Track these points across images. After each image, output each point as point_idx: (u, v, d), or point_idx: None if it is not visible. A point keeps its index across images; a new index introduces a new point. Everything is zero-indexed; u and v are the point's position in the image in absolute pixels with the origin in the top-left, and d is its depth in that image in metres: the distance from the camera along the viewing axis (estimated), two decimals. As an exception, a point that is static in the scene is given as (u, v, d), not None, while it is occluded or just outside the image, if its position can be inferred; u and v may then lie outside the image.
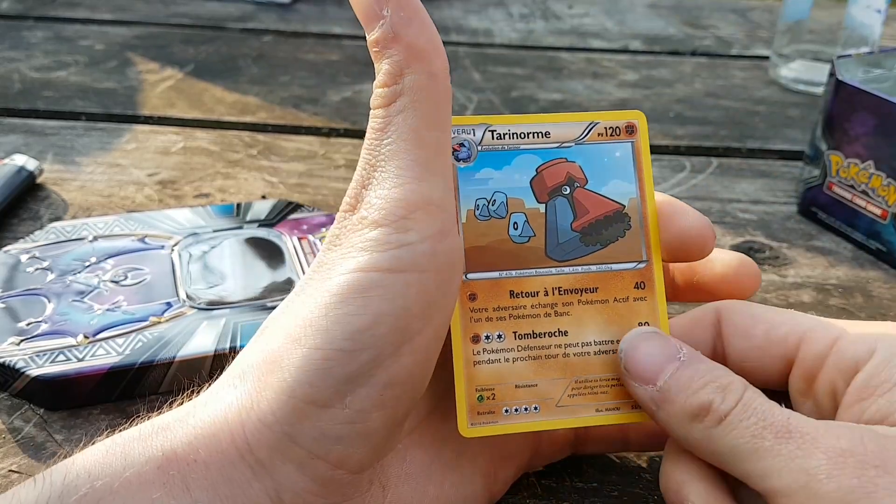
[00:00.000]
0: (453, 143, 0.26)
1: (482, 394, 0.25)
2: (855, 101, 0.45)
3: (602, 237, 0.26)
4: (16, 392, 0.33)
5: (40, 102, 0.61)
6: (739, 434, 0.21)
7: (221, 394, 0.22)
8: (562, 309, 0.26)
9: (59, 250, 0.40)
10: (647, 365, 0.24)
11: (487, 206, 0.26)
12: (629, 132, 0.26)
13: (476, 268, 0.25)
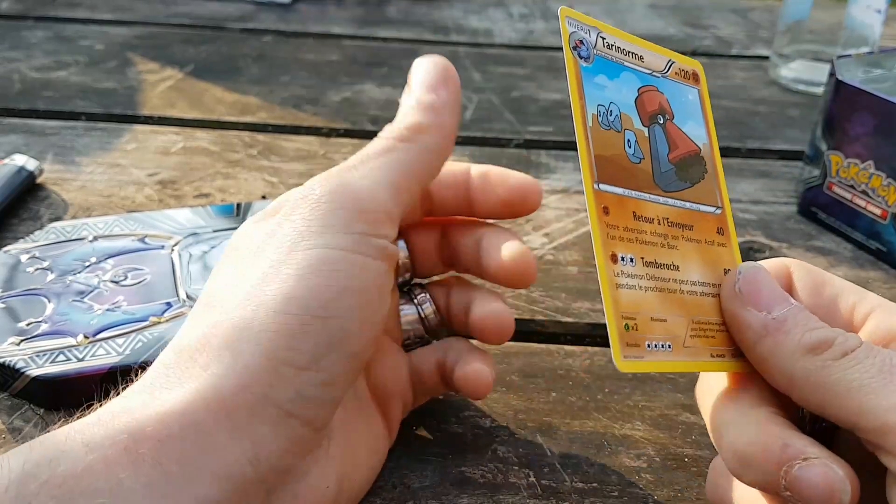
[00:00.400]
0: (575, 38, 0.24)
1: (627, 322, 0.23)
2: (855, 101, 0.45)
3: (690, 175, 0.25)
4: (16, 392, 0.33)
5: (40, 102, 0.61)
6: (865, 368, 0.21)
7: (184, 373, 0.23)
8: (672, 242, 0.24)
9: (59, 250, 0.40)
10: (767, 292, 0.24)
11: (607, 116, 0.24)
12: (695, 79, 0.26)
13: (605, 179, 0.23)
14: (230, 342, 0.23)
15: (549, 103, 0.64)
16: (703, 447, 0.34)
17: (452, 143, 0.29)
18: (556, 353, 0.38)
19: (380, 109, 0.62)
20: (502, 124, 0.61)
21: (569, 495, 0.31)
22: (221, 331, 0.23)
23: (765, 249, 0.47)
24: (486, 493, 0.30)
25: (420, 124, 0.28)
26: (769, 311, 0.23)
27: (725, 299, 0.25)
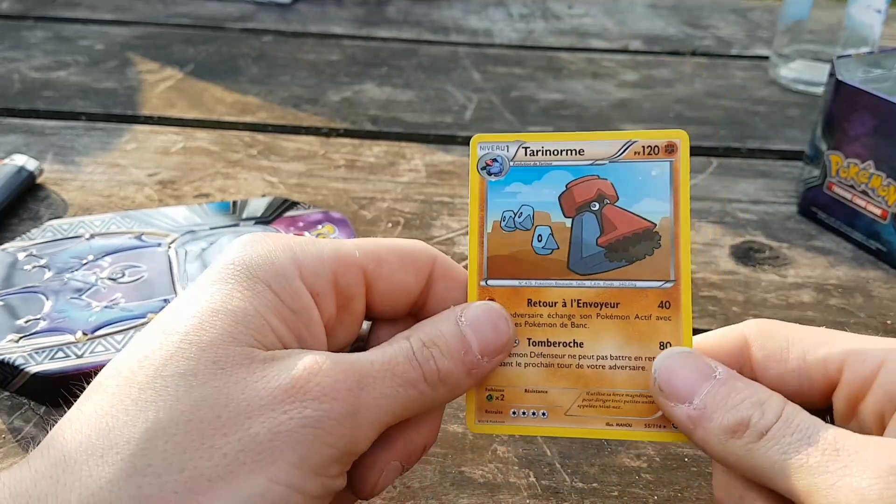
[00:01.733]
0: (487, 158, 0.26)
1: (491, 393, 0.26)
2: (855, 101, 0.45)
3: (629, 254, 0.26)
4: (15, 389, 0.33)
5: (40, 102, 0.61)
6: (782, 449, 0.21)
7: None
8: (579, 321, 0.26)
9: (57, 248, 0.40)
10: (683, 383, 0.24)
11: (513, 218, 0.26)
12: (669, 151, 0.26)
13: (496, 275, 0.26)
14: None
15: (548, 103, 0.64)
16: (702, 446, 0.33)
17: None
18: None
19: (379, 109, 0.62)
20: (502, 124, 0.61)
21: (569, 495, 0.30)
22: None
23: (765, 249, 0.47)
24: (486, 493, 0.30)
25: (451, 376, 0.24)
26: (690, 401, 0.23)
27: (653, 395, 0.25)
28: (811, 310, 0.42)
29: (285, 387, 0.21)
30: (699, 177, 0.54)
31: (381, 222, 0.48)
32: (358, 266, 0.24)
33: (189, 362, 0.20)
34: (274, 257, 0.23)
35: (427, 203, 0.50)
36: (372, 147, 0.56)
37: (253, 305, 0.22)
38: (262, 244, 0.23)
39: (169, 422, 0.19)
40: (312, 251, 0.24)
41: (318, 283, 0.23)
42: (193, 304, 0.22)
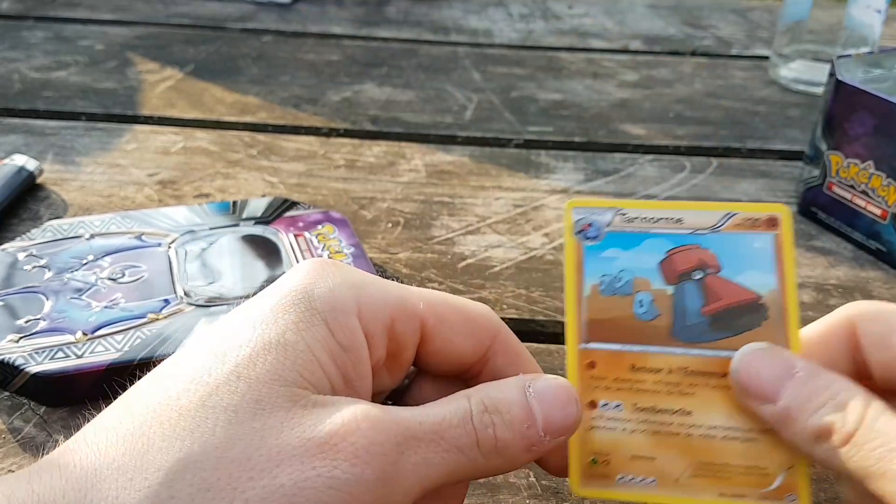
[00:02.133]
0: (582, 223, 0.27)
1: (596, 457, 0.26)
2: (855, 101, 0.45)
3: (735, 325, 0.25)
4: (15, 389, 0.33)
5: (40, 102, 0.61)
6: (865, 456, 0.21)
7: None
8: (686, 389, 0.25)
9: (57, 248, 0.40)
10: (765, 383, 0.23)
11: (612, 283, 0.26)
12: (770, 224, 0.26)
13: (596, 338, 0.26)
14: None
15: (548, 103, 0.64)
16: (702, 446, 0.33)
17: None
18: (556, 353, 0.38)
19: (379, 109, 0.62)
20: (502, 124, 0.61)
21: (568, 495, 0.30)
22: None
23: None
24: (486, 493, 0.30)
25: (509, 449, 0.22)
26: (775, 401, 0.23)
27: (735, 392, 0.24)
28: (811, 310, 0.42)
29: (319, 441, 0.20)
30: (699, 177, 0.54)
31: (381, 222, 0.48)
32: (418, 317, 0.24)
33: (233, 397, 0.20)
34: (336, 291, 0.22)
35: (427, 203, 0.50)
36: (372, 147, 0.56)
37: (304, 340, 0.21)
38: (329, 274, 0.23)
39: (201, 455, 0.19)
40: (376, 292, 0.23)
41: (374, 325, 0.23)
42: (249, 331, 0.21)
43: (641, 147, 0.58)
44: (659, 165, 0.56)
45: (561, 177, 0.54)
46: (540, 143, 0.58)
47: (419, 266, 0.44)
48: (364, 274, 0.24)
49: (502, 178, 0.53)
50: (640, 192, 0.52)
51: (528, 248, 0.46)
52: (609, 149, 0.58)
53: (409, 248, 0.46)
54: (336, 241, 0.42)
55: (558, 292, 0.42)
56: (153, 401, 0.21)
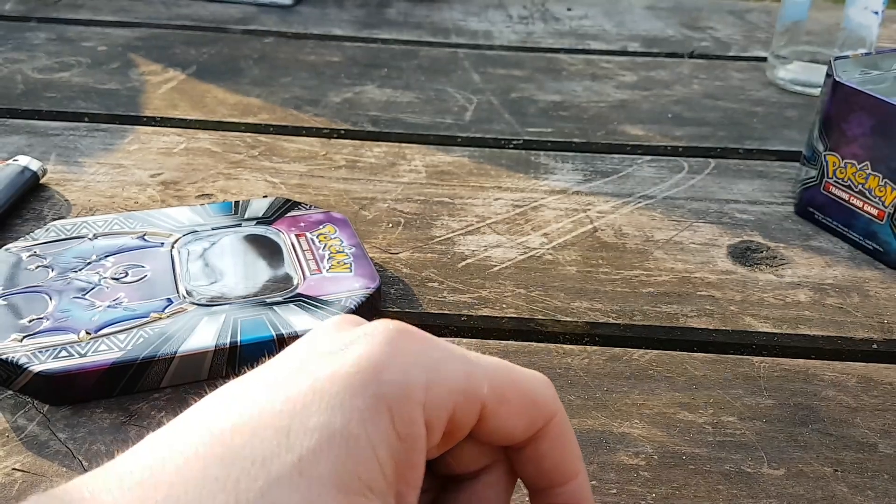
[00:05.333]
0: None
1: None
2: (852, 102, 0.45)
3: None
4: (18, 388, 0.34)
5: (43, 103, 0.62)
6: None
7: None
8: None
9: (60, 248, 0.40)
10: None
11: None
12: None
13: None
14: None
15: (547, 104, 0.65)
16: (700, 445, 0.34)
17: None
18: (555, 352, 0.38)
19: (380, 110, 0.63)
20: (501, 125, 0.61)
21: (566, 491, 0.31)
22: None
23: (762, 249, 0.47)
24: (484, 488, 0.31)
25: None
26: None
27: None
28: (808, 309, 0.42)
29: None
30: (697, 177, 0.55)
31: (382, 222, 0.48)
32: (480, 402, 0.22)
33: (292, 496, 0.19)
34: (408, 377, 0.21)
35: (427, 203, 0.50)
36: (372, 148, 0.57)
37: (368, 434, 0.20)
38: (402, 352, 0.21)
39: None
40: (447, 376, 0.22)
41: (437, 414, 0.22)
42: (315, 414, 0.20)
43: (640, 148, 0.59)
44: (657, 166, 0.56)
45: (560, 177, 0.54)
46: (539, 143, 0.59)
47: (419, 266, 0.44)
48: (436, 347, 0.22)
49: (502, 179, 0.54)
50: (638, 193, 0.52)
51: (527, 247, 0.46)
52: (608, 149, 0.58)
53: (410, 247, 0.46)
54: (337, 241, 0.42)
55: (557, 292, 0.43)
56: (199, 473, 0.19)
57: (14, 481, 0.31)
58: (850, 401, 0.36)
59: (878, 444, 0.34)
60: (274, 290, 0.38)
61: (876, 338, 0.40)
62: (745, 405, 0.36)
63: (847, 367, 0.38)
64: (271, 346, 0.35)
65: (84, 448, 0.32)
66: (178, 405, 0.34)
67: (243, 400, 0.21)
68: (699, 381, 0.37)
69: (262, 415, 0.20)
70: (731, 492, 0.32)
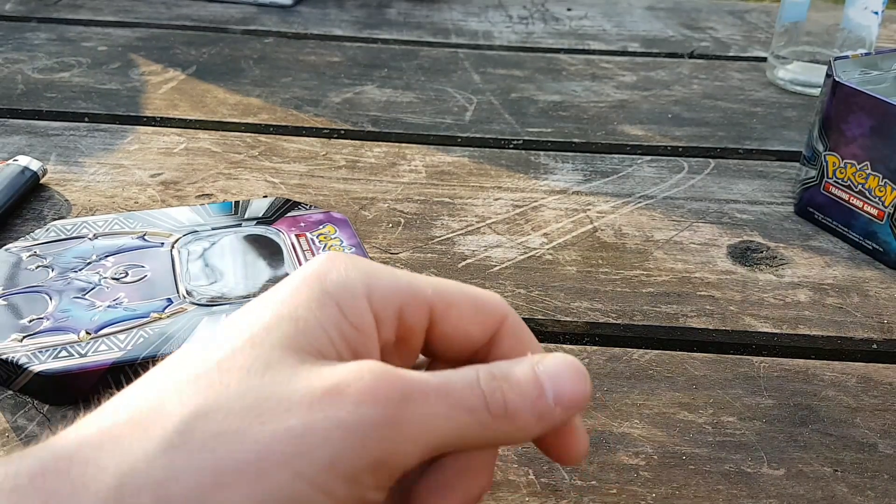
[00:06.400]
0: None
1: None
2: (852, 102, 0.45)
3: None
4: (18, 388, 0.34)
5: (43, 103, 0.62)
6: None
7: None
8: None
9: (60, 248, 0.40)
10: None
11: None
12: None
13: None
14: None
15: (547, 104, 0.65)
16: (700, 445, 0.34)
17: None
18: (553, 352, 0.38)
19: (380, 111, 0.63)
20: (501, 125, 0.61)
21: (567, 493, 0.31)
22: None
23: (762, 249, 0.47)
24: (484, 488, 0.31)
25: (518, 414, 0.22)
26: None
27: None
28: (808, 309, 0.42)
29: (326, 387, 0.21)
30: (697, 177, 0.55)
31: (382, 222, 0.48)
32: (427, 303, 0.24)
33: (246, 359, 0.21)
34: (347, 276, 0.23)
35: (427, 203, 0.50)
36: (373, 148, 0.57)
37: (316, 317, 0.22)
38: (340, 263, 0.24)
39: (213, 406, 0.20)
40: (386, 278, 0.24)
41: (383, 308, 0.23)
42: (265, 309, 0.23)
43: (640, 148, 0.59)
44: (657, 166, 0.56)
45: (560, 177, 0.54)
46: (539, 143, 0.59)
47: (419, 266, 0.44)
48: (375, 264, 0.24)
49: (502, 179, 0.54)
50: (638, 193, 0.52)
51: (527, 248, 0.46)
52: (607, 150, 0.58)
53: (410, 248, 0.46)
54: (337, 241, 0.42)
55: (557, 292, 0.43)
56: (173, 369, 0.22)
57: (14, 481, 0.31)
58: (850, 401, 0.36)
59: (878, 444, 0.34)
60: (274, 290, 0.38)
61: (876, 338, 0.40)
62: (744, 405, 0.36)
63: (847, 367, 0.38)
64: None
65: (84, 448, 0.32)
66: (179, 405, 0.34)
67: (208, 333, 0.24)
68: (699, 381, 0.37)
69: (218, 329, 0.23)
70: (731, 492, 0.32)
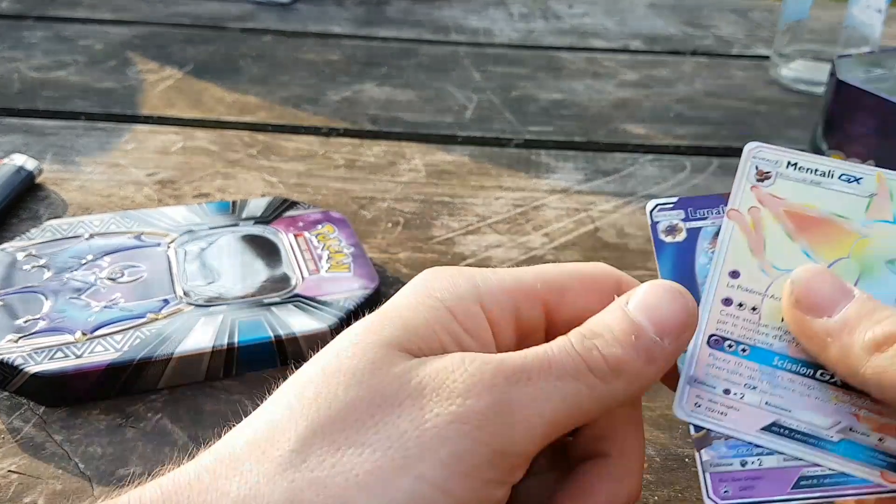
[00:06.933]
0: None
1: None
2: (856, 101, 0.45)
3: None
4: (14, 389, 0.33)
5: (40, 102, 0.61)
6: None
7: None
8: None
9: (56, 248, 0.39)
10: (824, 296, 0.22)
11: None
12: None
13: None
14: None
15: (548, 103, 0.64)
16: (703, 446, 0.33)
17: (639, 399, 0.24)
18: (555, 353, 0.38)
19: (379, 109, 0.62)
20: (502, 124, 0.61)
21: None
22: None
23: (765, 249, 0.47)
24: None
25: (626, 365, 0.21)
26: (830, 315, 0.22)
27: (785, 309, 0.23)
28: (812, 310, 0.42)
29: (430, 383, 0.20)
30: (699, 176, 0.54)
31: (381, 222, 0.48)
32: (540, 299, 0.23)
33: (351, 361, 0.21)
34: (455, 283, 0.23)
35: (427, 203, 0.50)
36: (372, 147, 0.56)
37: (425, 318, 0.22)
38: (445, 272, 0.23)
39: (326, 419, 0.20)
40: (493, 281, 0.23)
41: (498, 313, 0.23)
42: (371, 315, 0.22)
43: (642, 147, 0.58)
44: (659, 165, 0.55)
45: (561, 176, 0.53)
46: (540, 142, 0.58)
47: (419, 266, 0.44)
48: (478, 269, 0.24)
49: (502, 178, 0.53)
50: (640, 192, 0.52)
51: (528, 247, 0.46)
52: (609, 148, 0.58)
53: (410, 247, 0.46)
54: (336, 240, 0.42)
55: (558, 292, 0.42)
56: (283, 387, 0.22)
57: (10, 483, 0.30)
58: (855, 402, 0.36)
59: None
60: (272, 290, 0.38)
61: (880, 338, 0.40)
62: (748, 407, 0.36)
63: (851, 368, 0.38)
64: (269, 347, 0.35)
65: (80, 450, 0.32)
66: (176, 406, 0.34)
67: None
68: (702, 383, 0.37)
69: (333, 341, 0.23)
70: (735, 495, 0.31)
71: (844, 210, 0.25)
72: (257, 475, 0.19)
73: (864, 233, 0.24)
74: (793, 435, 0.23)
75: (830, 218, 0.25)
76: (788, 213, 0.25)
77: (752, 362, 0.24)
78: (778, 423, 0.23)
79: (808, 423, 0.23)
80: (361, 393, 0.20)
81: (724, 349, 0.24)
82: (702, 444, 0.23)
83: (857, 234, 0.24)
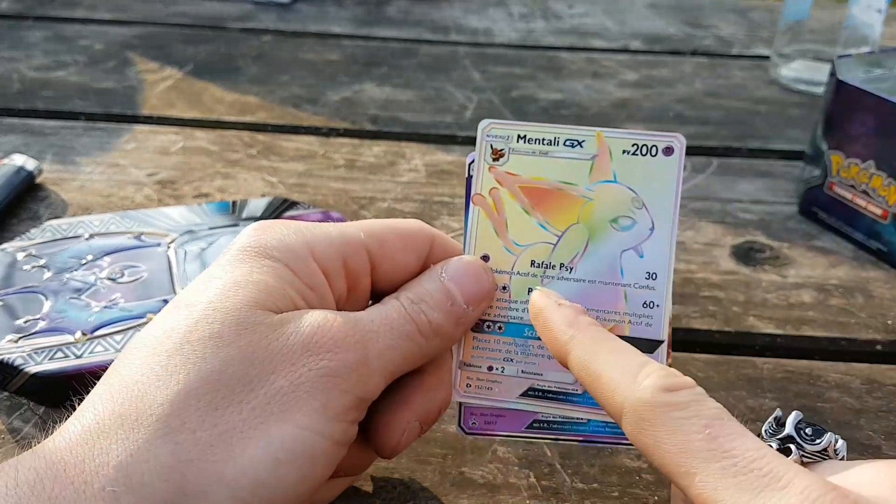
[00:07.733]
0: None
1: None
2: (856, 101, 0.45)
3: None
4: (14, 390, 0.33)
5: (39, 102, 0.61)
6: None
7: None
8: None
9: (56, 248, 0.39)
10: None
11: None
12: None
13: None
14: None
15: (548, 103, 0.64)
16: (703, 447, 0.33)
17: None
18: (555, 353, 0.38)
19: (379, 109, 0.62)
20: (502, 124, 0.61)
21: (568, 496, 0.30)
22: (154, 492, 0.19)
23: (765, 249, 0.47)
24: (486, 493, 0.30)
25: (442, 328, 0.25)
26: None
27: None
28: (812, 310, 0.42)
29: (303, 342, 0.22)
30: (700, 176, 0.54)
31: (381, 222, 0.48)
32: (363, 247, 0.26)
33: (214, 326, 0.22)
34: (287, 240, 0.24)
35: (427, 203, 0.50)
36: (372, 147, 0.56)
37: (273, 278, 0.23)
38: (274, 229, 0.25)
39: (199, 383, 0.21)
40: (321, 234, 0.25)
41: (329, 264, 0.25)
42: (215, 280, 0.23)
43: (642, 147, 0.58)
44: (659, 165, 0.55)
45: (561, 177, 0.53)
46: (540, 142, 0.58)
47: (419, 266, 0.44)
48: (304, 223, 0.26)
49: (502, 178, 0.53)
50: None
51: (528, 248, 0.46)
52: (609, 148, 0.58)
53: (409, 248, 0.46)
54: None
55: (558, 292, 0.42)
56: (137, 357, 0.22)
57: (8, 485, 0.30)
58: (854, 402, 0.36)
59: (881, 445, 0.34)
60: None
61: (880, 338, 0.40)
62: (748, 407, 0.36)
63: (851, 368, 0.38)
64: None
65: (80, 451, 0.32)
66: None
67: (157, 315, 0.24)
68: (702, 383, 0.37)
69: (169, 309, 0.23)
70: (736, 495, 0.31)
71: (570, 176, 0.27)
72: (136, 443, 0.20)
73: (590, 196, 0.27)
74: (545, 395, 0.27)
75: (559, 186, 0.27)
76: (523, 189, 0.27)
77: (507, 337, 0.27)
78: (533, 388, 0.27)
79: (556, 382, 0.27)
80: (233, 354, 0.21)
81: (483, 330, 0.27)
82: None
83: (583, 198, 0.27)
